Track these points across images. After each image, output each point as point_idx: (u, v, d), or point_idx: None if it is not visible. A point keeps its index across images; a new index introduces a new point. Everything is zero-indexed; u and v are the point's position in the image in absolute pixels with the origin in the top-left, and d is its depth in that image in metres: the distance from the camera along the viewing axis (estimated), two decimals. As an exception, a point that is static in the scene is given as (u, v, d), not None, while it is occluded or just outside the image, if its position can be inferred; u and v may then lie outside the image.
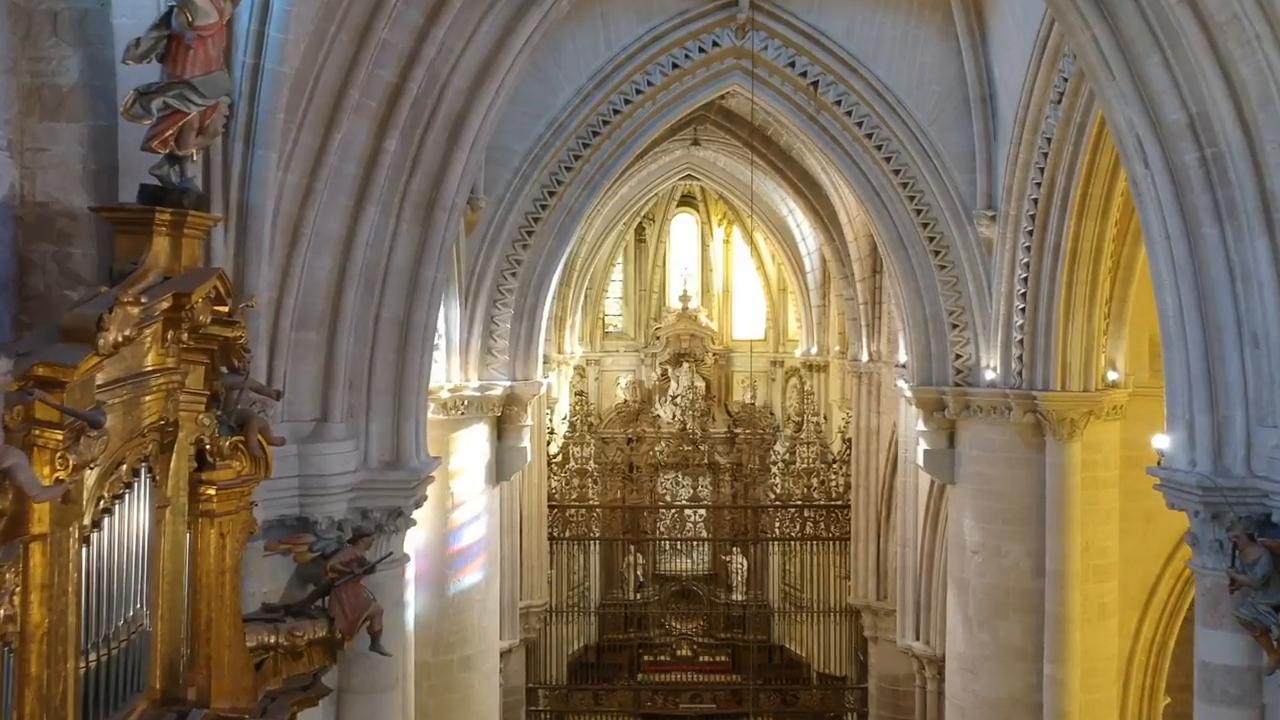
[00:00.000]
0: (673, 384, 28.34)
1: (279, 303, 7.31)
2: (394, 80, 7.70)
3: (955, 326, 14.61)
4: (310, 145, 7.30)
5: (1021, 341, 13.93)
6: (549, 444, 23.99)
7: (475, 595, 14.77)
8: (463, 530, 14.64)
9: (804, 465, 24.37)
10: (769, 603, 26.32)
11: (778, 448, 26.05)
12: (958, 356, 14.64)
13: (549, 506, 23.33)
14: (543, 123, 14.24)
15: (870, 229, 16.43)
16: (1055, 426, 13.77)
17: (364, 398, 7.95)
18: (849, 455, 23.03)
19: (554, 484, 24.01)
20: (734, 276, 31.28)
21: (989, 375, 14.34)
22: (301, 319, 7.51)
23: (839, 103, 14.31)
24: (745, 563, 26.45)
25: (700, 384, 28.53)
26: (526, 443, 15.61)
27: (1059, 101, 12.51)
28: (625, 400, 29.44)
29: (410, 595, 13.17)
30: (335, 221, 7.60)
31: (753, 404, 29.10)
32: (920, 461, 15.67)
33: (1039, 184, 13.17)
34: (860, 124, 14.33)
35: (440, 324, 13.98)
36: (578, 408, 26.30)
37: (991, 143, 14.01)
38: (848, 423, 23.53)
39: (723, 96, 18.72)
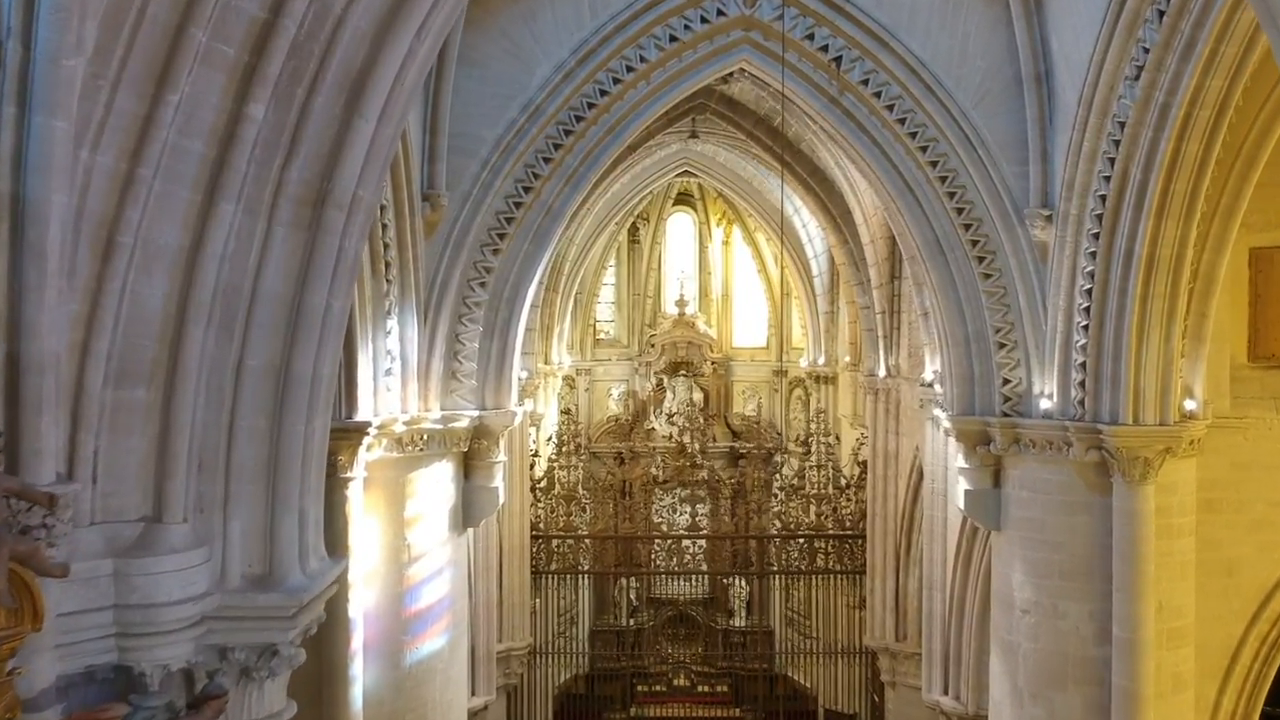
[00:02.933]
0: (669, 395, 26.62)
1: (84, 346, 4.90)
2: (261, 15, 5.18)
3: (1003, 346, 12.63)
4: (132, 112, 4.87)
5: (1084, 365, 11.91)
6: (533, 467, 21.91)
7: (437, 664, 12.81)
8: (421, 588, 12.64)
9: (814, 490, 22.34)
10: (772, 629, 24.86)
11: (785, 470, 24.01)
12: (1005, 382, 12.65)
13: (532, 537, 21.36)
14: (516, 105, 12.39)
15: (897, 230, 14.36)
16: (1125, 466, 11.79)
17: (220, 485, 5.45)
18: (863, 480, 21.20)
19: (538, 511, 21.99)
20: (734, 280, 29.90)
21: (1044, 404, 12.41)
22: (122, 370, 5.08)
23: (866, 82, 12.42)
24: (746, 588, 25.02)
25: (699, 395, 26.84)
26: (499, 482, 13.53)
27: (1136, 78, 10.52)
28: (618, 417, 27.61)
29: (358, 668, 11.21)
30: (173, 225, 5.13)
31: (755, 419, 27.31)
32: (960, 504, 13.60)
33: (1108, 177, 11.14)
34: (891, 107, 12.44)
35: (394, 344, 11.96)
36: (565, 427, 24.27)
37: (1048, 129, 12.01)
38: (861, 444, 21.61)
39: (725, 81, 16.90)
